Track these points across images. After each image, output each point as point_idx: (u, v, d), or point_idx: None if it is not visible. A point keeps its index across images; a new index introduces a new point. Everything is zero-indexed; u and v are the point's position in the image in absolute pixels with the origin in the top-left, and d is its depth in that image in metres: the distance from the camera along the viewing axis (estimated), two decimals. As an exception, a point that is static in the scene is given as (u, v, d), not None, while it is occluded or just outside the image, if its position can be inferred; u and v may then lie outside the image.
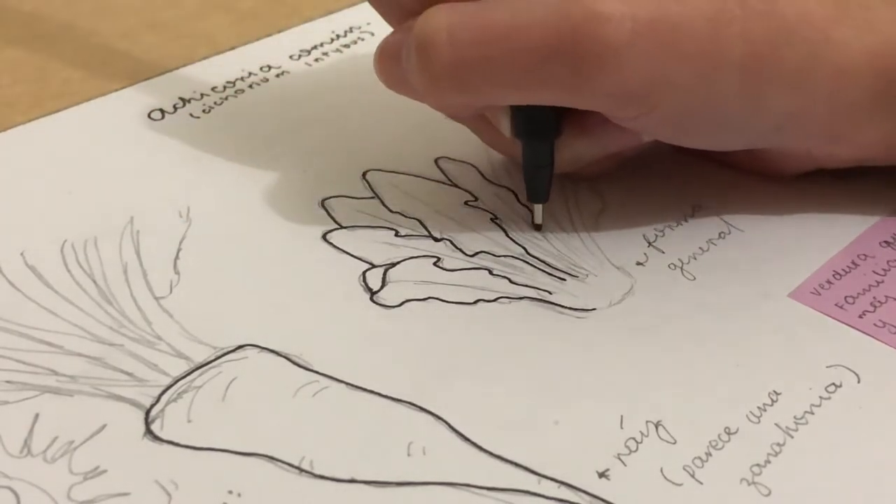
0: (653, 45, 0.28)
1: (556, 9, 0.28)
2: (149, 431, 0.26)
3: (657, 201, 0.34)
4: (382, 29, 0.32)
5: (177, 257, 0.32)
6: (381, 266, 0.31)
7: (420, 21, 0.29)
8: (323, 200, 0.34)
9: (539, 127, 0.31)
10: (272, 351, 0.29)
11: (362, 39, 0.42)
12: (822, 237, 0.33)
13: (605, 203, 0.34)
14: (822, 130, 0.31)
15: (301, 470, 0.26)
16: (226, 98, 0.39)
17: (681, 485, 0.26)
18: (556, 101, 0.30)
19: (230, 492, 0.25)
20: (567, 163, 0.32)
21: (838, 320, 0.30)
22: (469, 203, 0.34)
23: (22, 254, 0.31)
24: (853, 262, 0.32)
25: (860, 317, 0.30)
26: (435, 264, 0.32)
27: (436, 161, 0.36)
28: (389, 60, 0.31)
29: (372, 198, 0.34)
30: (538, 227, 0.33)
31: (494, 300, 0.30)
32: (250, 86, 0.39)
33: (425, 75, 0.29)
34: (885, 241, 0.32)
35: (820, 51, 0.29)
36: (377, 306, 0.30)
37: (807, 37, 0.29)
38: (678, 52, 0.28)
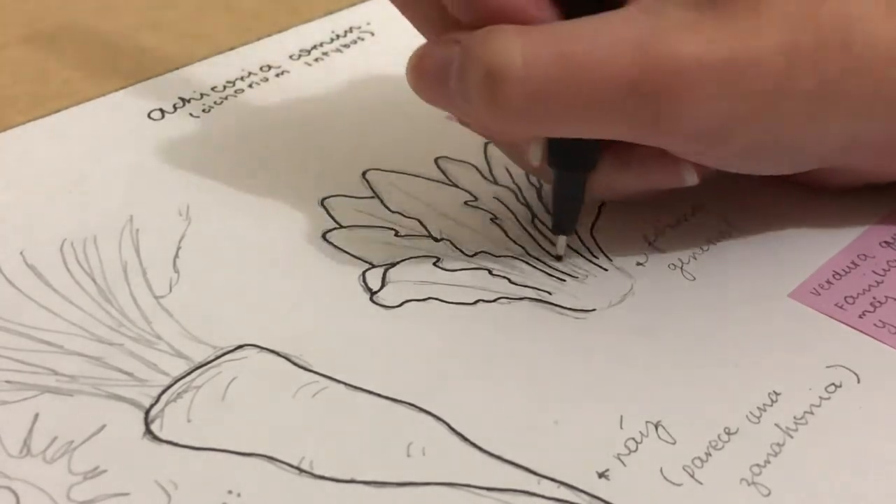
0: (730, 84, 0.27)
1: (637, 44, 0.27)
2: (148, 431, 0.26)
3: (657, 201, 0.34)
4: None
5: (176, 256, 0.32)
6: (380, 266, 0.31)
7: (487, 46, 0.27)
8: (323, 200, 0.34)
9: (576, 159, 0.30)
10: (272, 351, 0.29)
11: (362, 39, 0.42)
12: (822, 237, 0.33)
13: (605, 203, 0.34)
14: (880, 152, 0.31)
15: (301, 470, 0.26)
16: (226, 98, 0.39)
17: (680, 485, 0.26)
18: (627, 136, 0.28)
19: (230, 492, 0.25)
20: (599, 192, 0.32)
21: (838, 320, 0.30)
22: (469, 203, 0.34)
23: (22, 253, 0.31)
24: (853, 263, 0.32)
25: (860, 317, 0.30)
26: (435, 264, 0.32)
27: (436, 161, 0.36)
28: (432, 79, 0.29)
29: (372, 197, 0.34)
30: (559, 259, 0.32)
31: (494, 300, 0.30)
32: (250, 86, 0.39)
33: (493, 107, 0.27)
34: (885, 242, 0.32)
35: (882, 85, 0.28)
36: (377, 306, 0.30)
37: (873, 67, 0.28)
38: (753, 90, 0.27)
